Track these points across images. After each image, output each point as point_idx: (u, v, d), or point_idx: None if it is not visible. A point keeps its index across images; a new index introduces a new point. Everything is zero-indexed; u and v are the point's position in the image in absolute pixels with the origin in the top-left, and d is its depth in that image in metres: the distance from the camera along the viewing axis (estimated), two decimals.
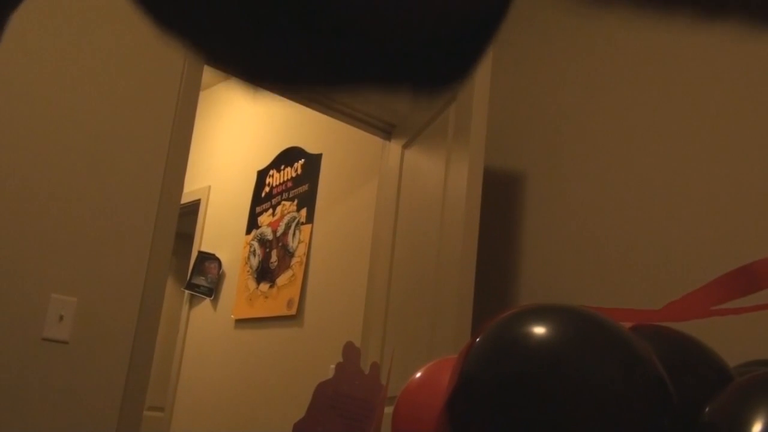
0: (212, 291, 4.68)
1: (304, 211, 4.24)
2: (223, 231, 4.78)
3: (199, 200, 4.97)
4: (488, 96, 2.74)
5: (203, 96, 5.06)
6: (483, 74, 2.75)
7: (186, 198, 4.56)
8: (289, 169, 4.43)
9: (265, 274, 4.34)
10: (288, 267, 4.20)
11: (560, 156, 2.95)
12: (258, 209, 4.57)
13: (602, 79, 2.90)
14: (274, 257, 4.32)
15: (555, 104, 3.03)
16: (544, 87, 3.10)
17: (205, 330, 4.64)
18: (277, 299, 4.20)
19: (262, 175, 4.62)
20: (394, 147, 3.45)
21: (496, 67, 3.29)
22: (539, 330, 0.77)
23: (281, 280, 4.22)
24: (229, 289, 4.61)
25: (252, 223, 4.58)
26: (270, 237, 4.40)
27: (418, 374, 0.95)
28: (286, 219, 4.33)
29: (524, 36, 3.24)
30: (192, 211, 4.92)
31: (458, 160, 2.74)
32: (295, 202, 4.32)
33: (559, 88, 3.04)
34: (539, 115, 3.08)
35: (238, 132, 4.93)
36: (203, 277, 4.69)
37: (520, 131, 3.13)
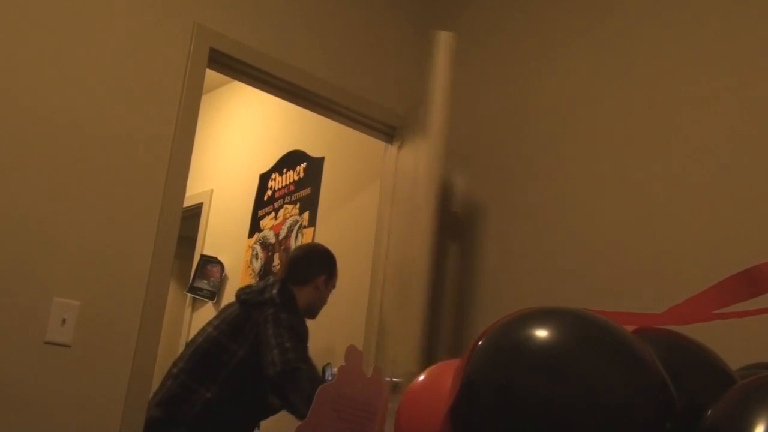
0: (215, 294, 4.68)
1: (306, 215, 4.23)
2: (225, 234, 4.78)
3: (201, 204, 4.97)
4: (448, 121, 2.77)
5: (205, 99, 5.07)
6: (441, 101, 2.76)
7: (188, 201, 4.55)
8: (291, 172, 4.43)
9: (267, 277, 4.34)
10: None
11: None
12: (260, 212, 4.57)
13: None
14: (276, 261, 4.32)
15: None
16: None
17: None
18: None
19: (264, 178, 4.62)
20: (396, 150, 3.45)
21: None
22: (542, 333, 0.77)
23: None
24: (231, 292, 4.59)
25: (254, 227, 4.58)
26: (272, 240, 4.40)
27: (421, 377, 0.95)
28: (288, 222, 4.33)
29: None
30: (194, 214, 4.92)
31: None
32: (298, 205, 4.32)
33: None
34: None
35: (241, 135, 4.93)
36: (206, 280, 4.70)
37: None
